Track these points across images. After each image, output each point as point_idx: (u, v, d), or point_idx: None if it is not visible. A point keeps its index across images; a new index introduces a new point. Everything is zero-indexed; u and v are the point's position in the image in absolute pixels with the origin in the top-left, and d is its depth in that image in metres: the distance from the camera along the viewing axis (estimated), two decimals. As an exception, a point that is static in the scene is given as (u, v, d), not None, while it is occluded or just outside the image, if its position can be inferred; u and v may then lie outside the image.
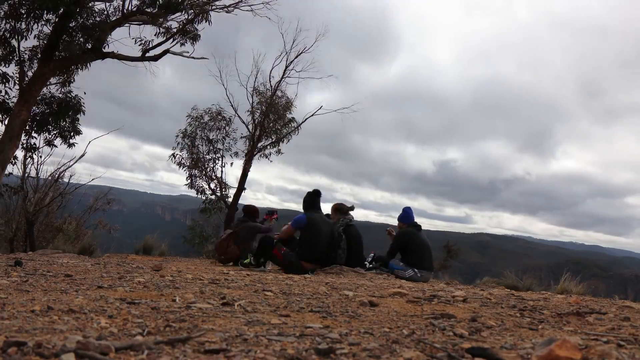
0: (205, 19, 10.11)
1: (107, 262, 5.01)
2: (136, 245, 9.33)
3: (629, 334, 1.90)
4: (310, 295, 2.85)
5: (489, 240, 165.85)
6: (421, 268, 5.70)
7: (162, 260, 6.49)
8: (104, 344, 1.25)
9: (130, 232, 27.69)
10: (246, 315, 1.97)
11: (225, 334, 1.53)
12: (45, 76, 9.23)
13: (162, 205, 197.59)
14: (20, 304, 1.97)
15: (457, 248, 18.44)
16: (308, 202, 5.73)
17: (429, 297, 2.96)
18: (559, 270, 6.68)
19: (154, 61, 10.29)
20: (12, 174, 11.94)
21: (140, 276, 3.39)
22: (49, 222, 13.57)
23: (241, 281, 3.49)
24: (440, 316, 2.21)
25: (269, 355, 1.30)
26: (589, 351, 1.41)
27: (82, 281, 2.94)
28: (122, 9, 9.58)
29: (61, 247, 8.49)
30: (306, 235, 5.45)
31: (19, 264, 3.81)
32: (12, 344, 1.22)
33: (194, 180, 13.65)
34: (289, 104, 13.49)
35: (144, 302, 2.18)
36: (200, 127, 13.50)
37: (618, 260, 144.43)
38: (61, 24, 9.06)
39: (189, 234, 14.33)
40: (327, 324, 1.91)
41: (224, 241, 6.65)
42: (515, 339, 1.74)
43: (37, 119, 10.75)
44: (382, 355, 1.37)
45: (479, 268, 73.08)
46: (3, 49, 9.52)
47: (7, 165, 9.32)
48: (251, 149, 13.08)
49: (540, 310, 2.58)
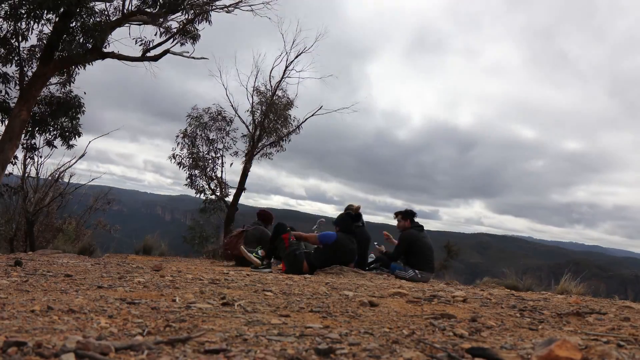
0: (206, 19, 10.12)
1: (107, 262, 5.01)
2: (136, 245, 9.33)
3: (629, 334, 1.90)
4: (310, 295, 2.85)
5: (489, 240, 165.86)
6: (423, 270, 5.67)
7: (162, 260, 6.49)
8: (104, 344, 1.25)
9: (130, 232, 27.69)
10: (246, 315, 1.97)
11: (225, 334, 1.53)
12: (45, 76, 9.23)
13: (162, 205, 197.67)
14: (20, 304, 1.97)
15: (457, 248, 18.43)
16: (343, 223, 5.68)
17: (429, 297, 2.96)
18: (559, 270, 6.67)
19: (154, 61, 10.29)
20: (12, 174, 11.96)
21: (140, 276, 3.39)
22: (49, 222, 13.57)
23: (241, 281, 3.49)
24: (440, 316, 2.21)
25: (269, 355, 1.30)
26: (589, 351, 1.41)
27: (82, 281, 2.94)
28: (122, 9, 9.58)
29: (61, 247, 8.49)
30: (325, 251, 5.46)
31: (19, 264, 3.81)
32: (12, 344, 1.22)
33: (194, 180, 13.65)
34: (289, 104, 13.50)
35: (144, 302, 2.18)
36: (201, 127, 13.51)
37: (618, 260, 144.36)
38: (61, 23, 9.06)
39: (189, 234, 14.33)
40: (327, 324, 1.91)
41: (234, 237, 6.73)
42: (515, 339, 1.74)
43: (37, 119, 10.75)
44: (382, 355, 1.37)
45: (479, 268, 73.04)
46: (3, 49, 9.52)
47: (7, 165, 9.32)
48: (251, 148, 13.08)
49: (540, 311, 2.58)
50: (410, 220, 6.07)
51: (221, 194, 13.48)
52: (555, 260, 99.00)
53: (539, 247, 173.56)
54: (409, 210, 6.17)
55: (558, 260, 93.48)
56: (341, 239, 5.48)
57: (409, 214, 6.13)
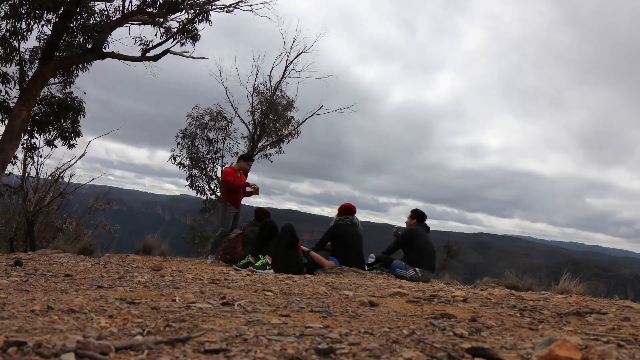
0: (206, 19, 10.12)
1: (107, 262, 5.01)
2: (136, 245, 9.33)
3: (629, 334, 1.89)
4: (310, 295, 2.85)
5: (489, 240, 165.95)
6: (423, 267, 5.65)
7: (162, 260, 6.48)
8: (104, 344, 1.25)
9: (130, 232, 27.68)
10: (246, 315, 1.97)
11: (225, 334, 1.53)
12: (45, 76, 9.24)
13: (162, 205, 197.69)
14: (20, 303, 1.97)
15: (457, 248, 18.46)
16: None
17: (429, 297, 2.96)
18: (559, 270, 6.68)
19: (154, 61, 10.30)
20: (13, 173, 11.97)
21: (140, 276, 3.39)
22: (49, 222, 13.58)
23: (241, 281, 3.49)
24: (440, 316, 2.21)
25: (269, 355, 1.30)
26: (589, 351, 1.41)
27: (82, 281, 2.94)
28: (122, 9, 9.60)
29: (61, 247, 8.50)
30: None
31: (19, 264, 3.81)
32: (12, 343, 1.22)
33: (194, 180, 13.65)
34: (289, 104, 13.50)
35: (144, 302, 2.18)
36: (201, 127, 13.51)
37: (618, 260, 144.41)
38: (61, 23, 9.07)
39: (189, 234, 14.34)
40: (327, 323, 1.91)
41: (232, 241, 6.50)
42: (515, 339, 1.74)
43: (37, 119, 10.75)
44: (382, 355, 1.37)
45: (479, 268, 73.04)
46: (4, 49, 9.53)
47: (8, 165, 9.32)
48: (251, 148, 13.08)
49: (540, 310, 2.58)
50: (417, 221, 6.17)
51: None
52: (555, 260, 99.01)
53: (539, 247, 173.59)
54: (418, 211, 6.27)
55: (558, 260, 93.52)
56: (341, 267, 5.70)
57: (417, 213, 6.25)
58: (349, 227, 6.11)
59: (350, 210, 6.26)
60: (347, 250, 5.88)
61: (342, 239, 5.97)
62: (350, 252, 5.87)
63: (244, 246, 6.24)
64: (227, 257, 6.46)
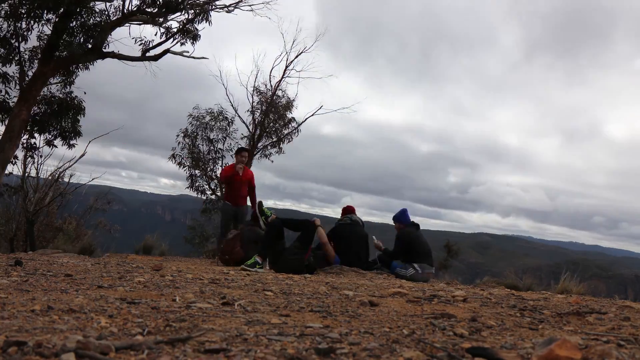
0: (206, 19, 10.13)
1: (107, 262, 5.01)
2: (136, 245, 9.34)
3: (629, 334, 1.89)
4: (310, 295, 2.85)
5: (489, 240, 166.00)
6: (423, 263, 5.69)
7: (162, 260, 6.48)
8: (104, 344, 1.25)
9: (130, 232, 27.68)
10: (246, 315, 1.97)
11: (225, 334, 1.53)
12: (45, 76, 9.24)
13: (162, 205, 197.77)
14: (20, 303, 1.97)
15: (457, 248, 18.46)
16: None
17: (429, 297, 2.96)
18: (559, 270, 6.68)
19: (154, 61, 10.30)
20: (12, 173, 11.97)
21: (140, 276, 3.39)
22: (49, 222, 13.57)
23: (241, 281, 3.49)
24: (440, 316, 2.21)
25: (269, 355, 1.30)
26: (589, 351, 1.41)
27: (82, 281, 2.94)
28: (122, 8, 9.60)
29: (61, 247, 8.51)
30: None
31: (19, 264, 3.81)
32: (12, 343, 1.22)
33: (194, 180, 13.64)
34: (289, 104, 13.51)
35: (144, 301, 2.18)
36: (201, 127, 13.51)
37: (618, 260, 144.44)
38: (61, 23, 9.07)
39: (189, 234, 14.34)
40: (327, 323, 1.91)
41: (230, 241, 6.43)
42: (515, 339, 1.74)
43: (37, 118, 10.76)
44: (382, 355, 1.37)
45: (479, 268, 73.07)
46: (4, 49, 9.53)
47: (7, 164, 9.32)
48: (251, 148, 13.09)
49: (540, 310, 2.58)
50: (401, 222, 6.20)
51: (221, 194, 13.48)
52: (555, 260, 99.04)
53: (539, 247, 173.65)
54: (397, 215, 6.33)
55: (558, 260, 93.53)
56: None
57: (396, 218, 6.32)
58: (349, 226, 6.18)
59: (349, 210, 6.45)
60: (347, 250, 5.92)
61: (341, 239, 6.03)
62: (350, 252, 5.90)
63: (242, 246, 6.21)
64: (225, 257, 6.40)
